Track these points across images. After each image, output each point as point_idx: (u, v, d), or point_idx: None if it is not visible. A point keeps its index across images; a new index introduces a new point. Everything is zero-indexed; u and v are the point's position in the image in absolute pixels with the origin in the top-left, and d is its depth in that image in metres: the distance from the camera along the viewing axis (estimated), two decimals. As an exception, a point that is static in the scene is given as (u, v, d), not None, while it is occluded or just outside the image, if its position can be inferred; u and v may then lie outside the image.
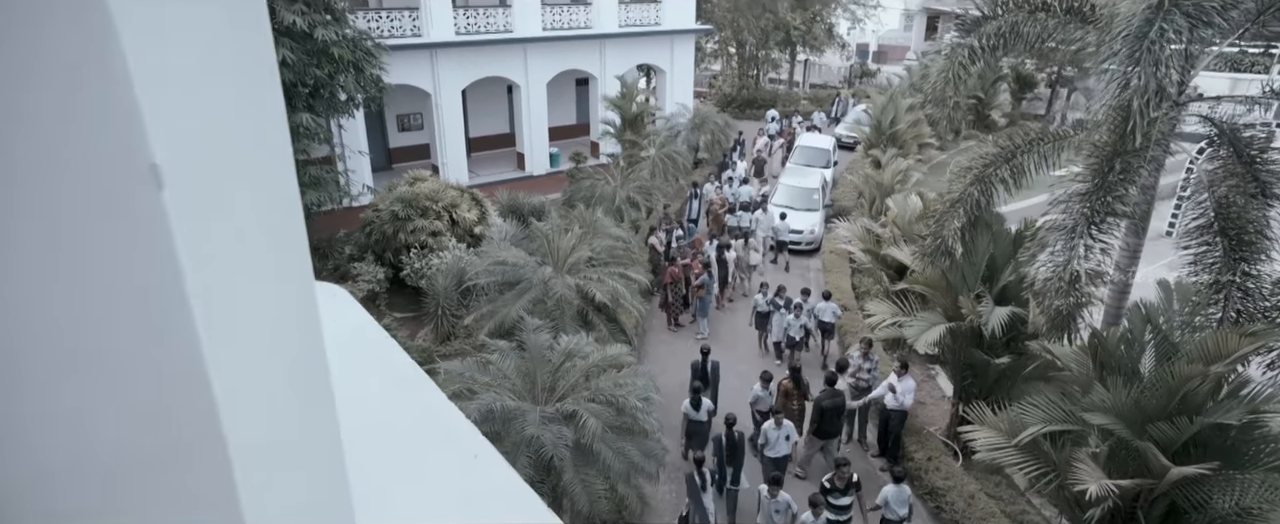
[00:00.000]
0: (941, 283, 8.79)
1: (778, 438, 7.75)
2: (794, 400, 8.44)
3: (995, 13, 9.07)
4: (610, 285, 9.17)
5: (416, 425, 1.40)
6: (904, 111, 19.24)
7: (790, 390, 8.43)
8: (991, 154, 8.77)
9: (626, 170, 15.85)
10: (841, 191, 17.56)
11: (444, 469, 1.32)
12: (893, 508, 7.21)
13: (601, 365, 7.10)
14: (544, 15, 18.40)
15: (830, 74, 37.41)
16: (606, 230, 10.81)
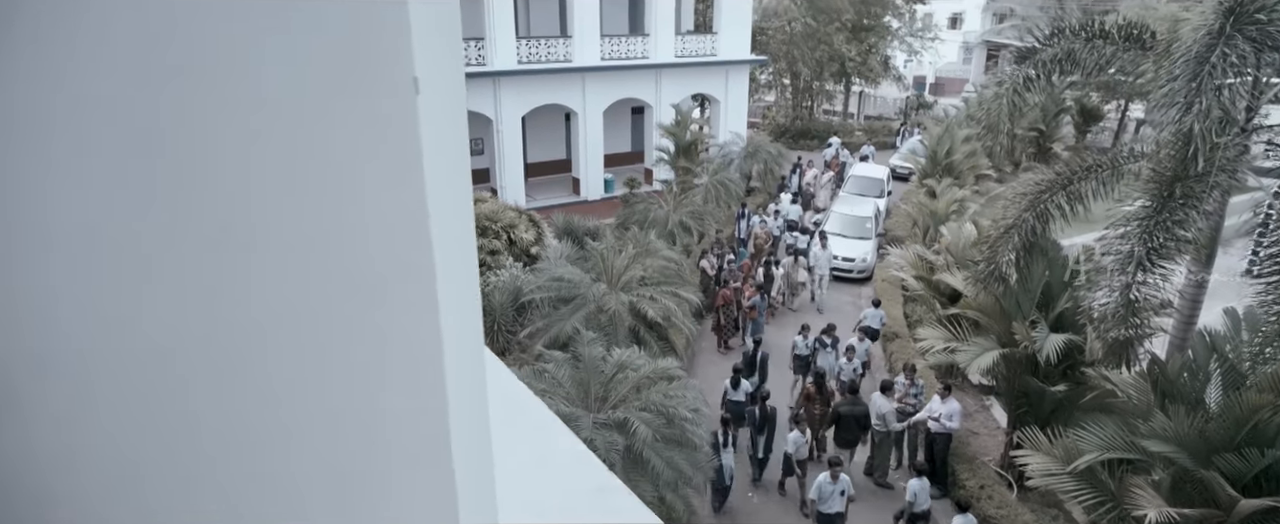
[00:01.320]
0: (995, 309, 8.74)
1: (832, 493, 7.43)
2: (815, 405, 8.54)
3: (1051, 41, 9.13)
4: (663, 303, 9.44)
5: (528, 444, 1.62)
6: (960, 142, 19.10)
7: (812, 394, 8.57)
8: (1047, 180, 8.75)
9: (679, 196, 16.20)
10: (895, 221, 17.48)
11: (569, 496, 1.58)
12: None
13: (652, 377, 7.34)
14: (603, 46, 19.14)
15: (886, 106, 37.27)
16: (659, 252, 11.13)
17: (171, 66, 0.62)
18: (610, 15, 20.56)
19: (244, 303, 0.70)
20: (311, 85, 0.66)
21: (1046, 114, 25.01)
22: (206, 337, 0.71)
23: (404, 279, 0.77)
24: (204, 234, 0.68)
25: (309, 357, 0.74)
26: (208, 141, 0.65)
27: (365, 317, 0.74)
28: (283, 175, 0.67)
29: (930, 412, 8.46)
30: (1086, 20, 9.47)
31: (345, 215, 0.71)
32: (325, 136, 0.68)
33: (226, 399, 0.73)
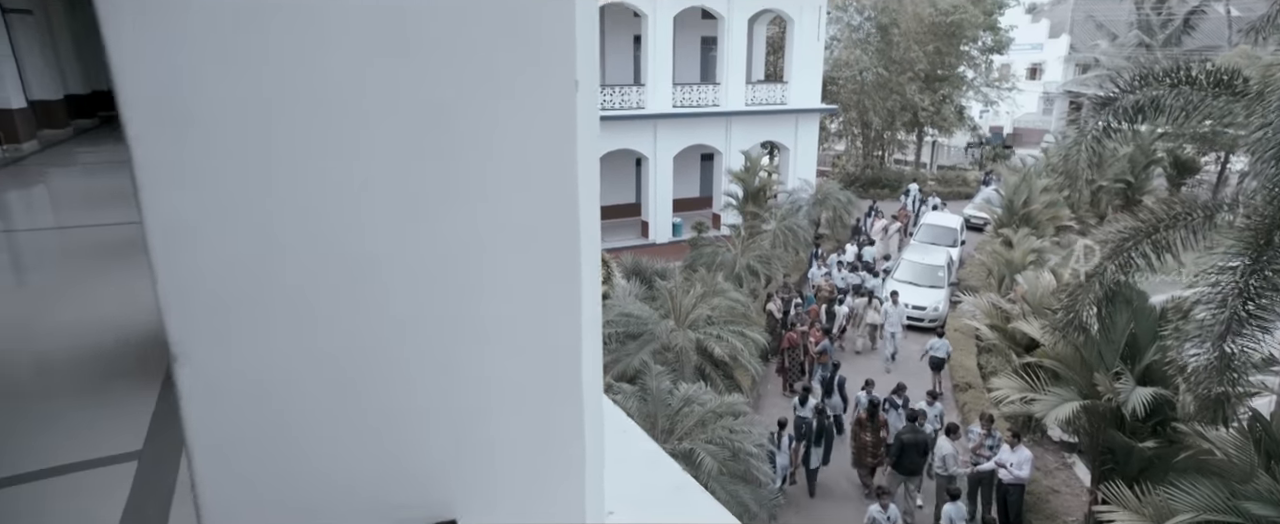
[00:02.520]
0: (1075, 359, 8.43)
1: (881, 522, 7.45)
2: (865, 432, 8.51)
3: (1133, 87, 8.98)
4: (729, 342, 9.54)
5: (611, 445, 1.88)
6: (1039, 192, 18.57)
7: (863, 421, 8.54)
8: (1132, 227, 8.48)
9: (747, 240, 16.36)
10: (969, 271, 17.04)
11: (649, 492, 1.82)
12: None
13: (718, 412, 7.43)
14: (675, 94, 19.81)
15: (960, 155, 36.56)
16: (726, 292, 11.28)
17: (399, 60, 0.92)
18: (682, 64, 21.33)
19: (443, 235, 0.99)
20: (504, 81, 0.95)
21: (1135, 165, 24.00)
22: (408, 266, 0.99)
23: (556, 221, 1.05)
24: (426, 188, 0.97)
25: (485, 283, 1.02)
26: (427, 117, 0.94)
27: (525, 256, 1.02)
28: (479, 145, 0.96)
29: (999, 460, 8.16)
30: (1173, 66, 9.27)
31: (522, 179, 1.00)
32: (511, 119, 0.97)
33: (419, 314, 1.01)
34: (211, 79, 0.82)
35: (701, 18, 21.10)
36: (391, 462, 1.04)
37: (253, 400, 0.94)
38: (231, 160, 0.85)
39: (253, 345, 0.92)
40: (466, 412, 1.07)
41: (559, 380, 1.13)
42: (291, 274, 0.91)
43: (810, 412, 8.80)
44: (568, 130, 1.02)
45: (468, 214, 0.99)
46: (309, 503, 1.01)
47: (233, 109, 0.83)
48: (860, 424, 8.65)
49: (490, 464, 1.11)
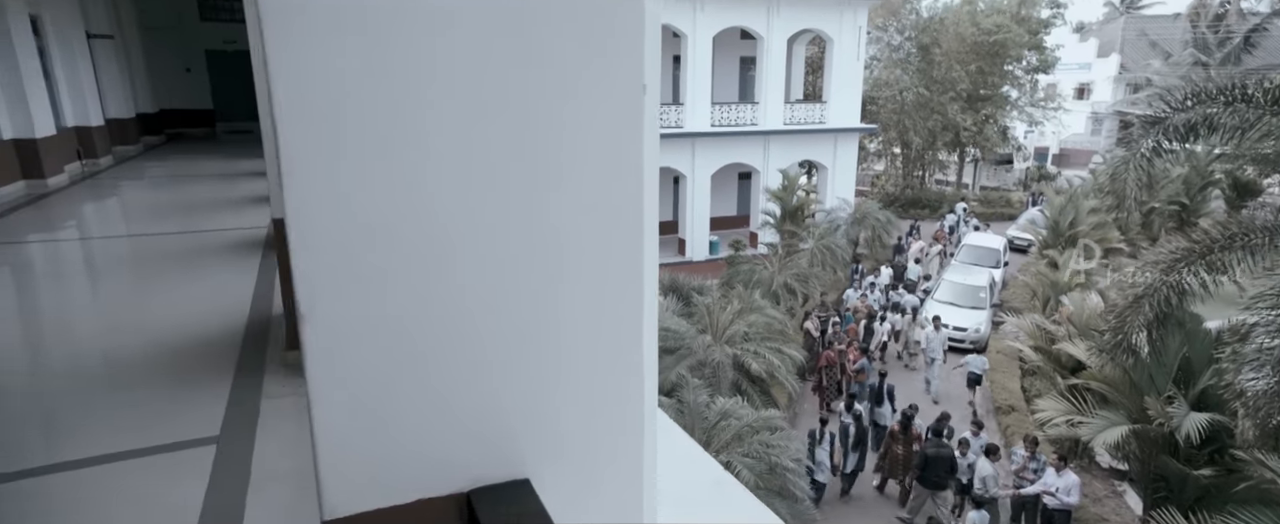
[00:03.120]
0: (1124, 382, 8.20)
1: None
2: (898, 444, 8.62)
3: (1184, 105, 8.79)
4: (766, 358, 9.55)
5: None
6: (1086, 213, 18.12)
7: (896, 433, 8.67)
8: (1184, 248, 8.25)
9: (784, 259, 16.32)
10: (1012, 293, 16.68)
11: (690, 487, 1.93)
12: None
13: (755, 426, 7.44)
14: (713, 113, 19.99)
15: (1004, 177, 35.84)
16: (763, 309, 11.28)
17: (496, 69, 1.06)
18: (721, 83, 21.53)
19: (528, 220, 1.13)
20: (582, 85, 1.09)
21: (1190, 187, 23.24)
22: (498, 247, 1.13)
23: (625, 210, 1.18)
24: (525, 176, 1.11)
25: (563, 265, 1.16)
26: (518, 116, 1.09)
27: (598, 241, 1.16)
28: (561, 141, 1.11)
29: (1045, 485, 7.95)
30: (1227, 83, 9.04)
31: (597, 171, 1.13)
32: (588, 118, 1.11)
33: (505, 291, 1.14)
34: (347, 82, 0.98)
35: (741, 38, 21.31)
36: (475, 422, 1.17)
37: (362, 357, 1.08)
38: (358, 149, 1.00)
39: (365, 309, 1.07)
40: (541, 381, 1.20)
41: (623, 357, 1.26)
42: (400, 248, 1.06)
43: (852, 417, 9.10)
44: (636, 129, 1.16)
45: (550, 201, 1.13)
46: (405, 451, 1.15)
47: (362, 105, 0.99)
48: (892, 436, 8.69)
49: (559, 431, 1.24)
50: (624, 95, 1.15)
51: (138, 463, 2.70)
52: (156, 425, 2.98)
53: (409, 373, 1.10)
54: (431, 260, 1.08)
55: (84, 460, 2.68)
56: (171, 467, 2.67)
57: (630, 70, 1.15)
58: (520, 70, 1.06)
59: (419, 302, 1.09)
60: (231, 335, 4.05)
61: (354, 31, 0.98)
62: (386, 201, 1.04)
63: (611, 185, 1.18)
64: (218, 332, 4.11)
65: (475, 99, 1.05)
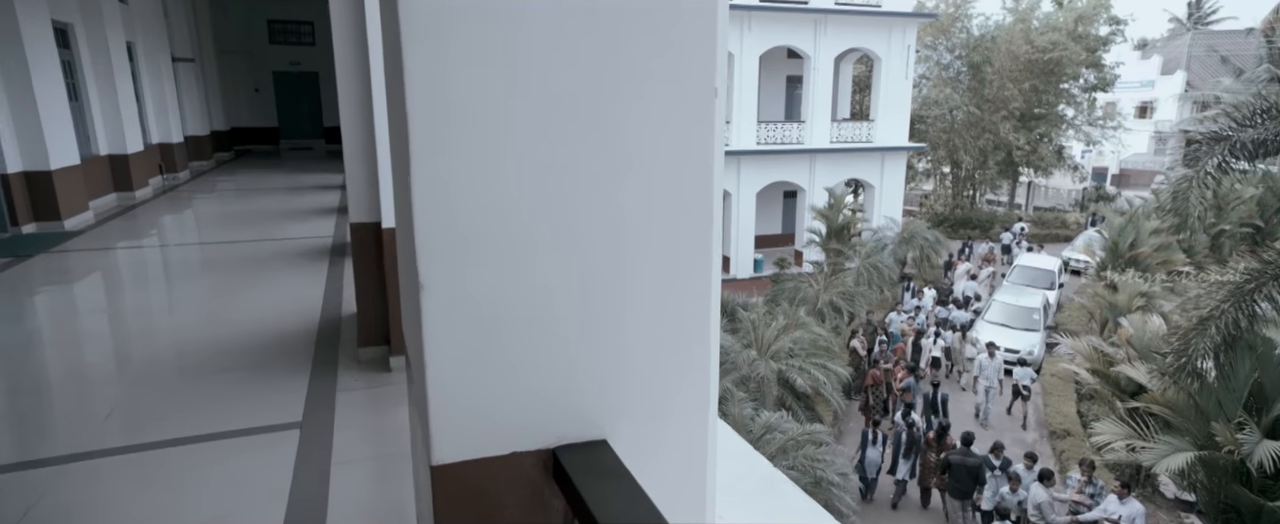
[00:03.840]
0: (1188, 407, 7.90)
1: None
2: (931, 451, 8.72)
3: (1253, 121, 8.52)
4: (811, 374, 9.51)
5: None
6: (1147, 235, 17.48)
7: (932, 442, 8.77)
8: (1255, 270, 7.95)
9: (830, 277, 16.21)
10: (1068, 315, 16.16)
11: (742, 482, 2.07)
12: None
13: (800, 440, 7.43)
14: (759, 131, 20.07)
15: (1060, 197, 34.80)
16: (808, 326, 11.24)
17: (588, 72, 1.22)
18: (767, 102, 21.62)
19: (614, 207, 1.28)
20: (662, 87, 1.25)
21: (1265, 209, 22.16)
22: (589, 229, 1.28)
23: (697, 199, 1.33)
24: (609, 168, 1.27)
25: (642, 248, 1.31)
26: (607, 113, 1.25)
27: (673, 226, 1.31)
28: (643, 137, 1.26)
29: (1106, 513, 7.67)
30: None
31: (673, 164, 1.29)
32: (666, 116, 1.26)
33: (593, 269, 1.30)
34: (465, 84, 1.17)
35: (787, 57, 21.40)
36: (558, 388, 1.33)
37: (466, 326, 1.26)
38: (469, 136, 1.19)
39: (474, 280, 1.24)
40: (616, 353, 1.36)
41: (689, 334, 1.41)
42: (505, 228, 1.23)
43: (905, 423, 9.25)
44: (707, 128, 1.32)
45: (632, 189, 1.30)
46: (500, 410, 1.31)
47: (476, 103, 1.17)
48: (928, 444, 8.94)
49: (633, 398, 1.39)
50: (697, 98, 1.31)
51: (235, 442, 2.95)
52: (248, 410, 3.24)
53: (503, 342, 1.27)
54: (520, 246, 1.26)
55: (189, 438, 2.95)
56: (263, 446, 2.91)
57: (703, 76, 1.31)
58: (607, 75, 1.22)
59: (510, 281, 1.26)
60: (306, 333, 4.34)
61: (464, 48, 1.16)
62: (483, 193, 1.21)
63: (684, 178, 1.34)
64: (294, 330, 4.40)
65: (570, 97, 1.21)
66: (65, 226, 7.78)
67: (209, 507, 2.44)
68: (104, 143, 9.82)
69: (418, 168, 1.17)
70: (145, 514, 2.39)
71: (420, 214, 1.20)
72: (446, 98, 1.16)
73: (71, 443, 2.90)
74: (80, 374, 3.80)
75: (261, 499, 2.47)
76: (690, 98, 1.31)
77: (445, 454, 1.28)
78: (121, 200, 10.03)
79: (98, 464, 2.72)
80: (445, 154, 1.18)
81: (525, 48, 1.17)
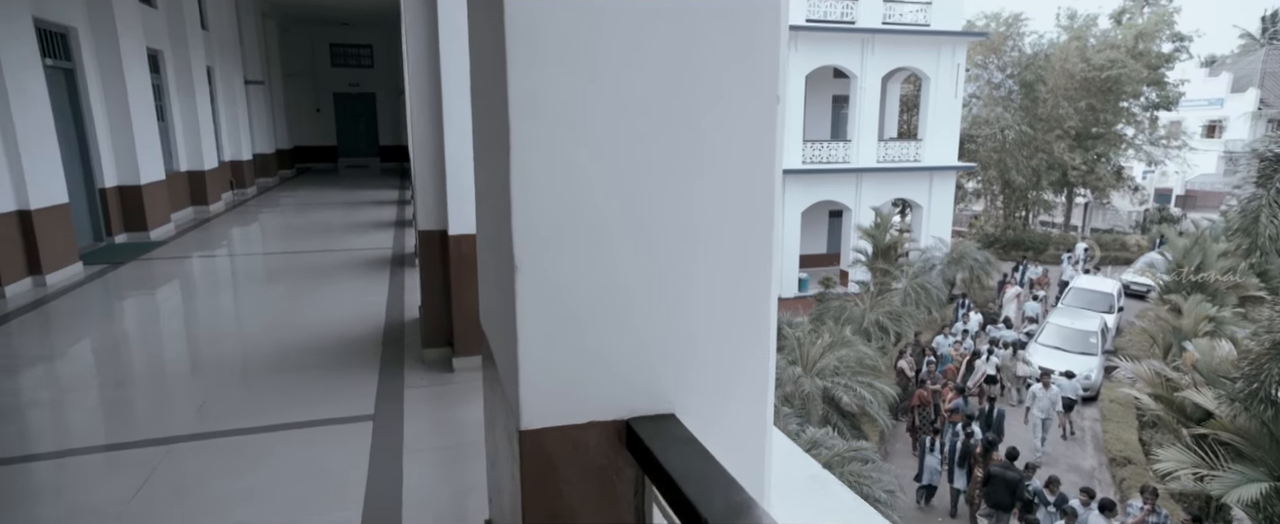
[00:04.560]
0: (1261, 435, 7.55)
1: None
2: (977, 465, 8.75)
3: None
4: (857, 392, 9.43)
5: None
6: (1215, 257, 16.75)
7: (978, 457, 8.82)
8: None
9: (876, 297, 16.00)
10: (1128, 339, 15.55)
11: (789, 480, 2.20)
12: None
13: (845, 457, 7.38)
14: (804, 151, 20.05)
15: (1119, 219, 33.57)
16: (854, 345, 11.14)
17: (663, 78, 1.37)
18: (813, 121, 21.61)
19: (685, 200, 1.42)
20: (731, 93, 1.39)
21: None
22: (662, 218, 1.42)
23: (759, 197, 1.46)
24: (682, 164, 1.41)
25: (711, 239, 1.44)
26: (679, 116, 1.39)
27: (738, 220, 1.44)
28: (713, 138, 1.40)
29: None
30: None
31: (739, 164, 1.42)
32: (733, 120, 1.40)
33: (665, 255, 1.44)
34: (556, 89, 1.33)
35: (833, 76, 21.39)
36: (634, 362, 1.47)
37: (555, 304, 1.41)
38: (561, 136, 1.35)
39: (558, 266, 1.40)
40: (687, 334, 1.49)
41: (753, 320, 1.54)
42: (589, 216, 1.39)
43: (963, 434, 9.35)
44: (770, 132, 1.46)
45: (702, 187, 1.44)
46: (580, 382, 1.46)
47: (564, 103, 1.33)
48: (975, 458, 9.00)
49: (701, 376, 1.52)
50: (762, 104, 1.46)
51: (314, 431, 3.17)
52: (323, 403, 3.47)
53: (583, 322, 1.42)
54: (599, 236, 1.41)
55: (273, 426, 3.18)
56: (339, 435, 3.12)
57: (767, 84, 1.45)
58: (682, 80, 1.37)
59: (589, 268, 1.42)
60: (373, 335, 4.59)
61: (559, 58, 1.33)
62: (569, 187, 1.38)
63: (748, 178, 1.47)
64: (361, 332, 4.66)
65: (646, 100, 1.37)
66: (151, 237, 8.34)
67: (296, 485, 2.64)
68: (184, 159, 10.49)
69: (516, 163, 1.34)
70: (242, 488, 2.61)
71: (517, 204, 1.36)
72: (539, 102, 1.32)
73: (174, 427, 3.17)
74: (175, 368, 4.11)
75: (342, 480, 2.67)
76: (756, 104, 1.45)
77: (532, 421, 1.43)
78: (197, 213, 10.66)
79: (198, 445, 2.97)
80: (538, 151, 1.34)
81: (609, 57, 1.33)
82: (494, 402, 1.90)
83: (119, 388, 3.77)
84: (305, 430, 3.17)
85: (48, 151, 5.97)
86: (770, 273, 1.59)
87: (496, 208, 1.48)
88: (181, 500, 2.51)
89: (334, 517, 2.40)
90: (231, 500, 2.52)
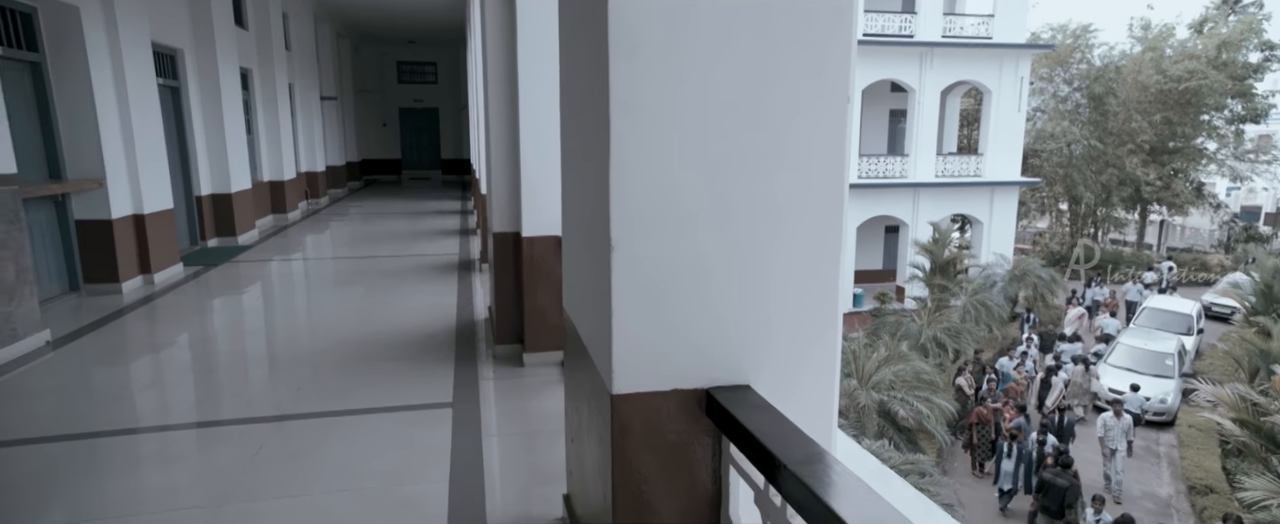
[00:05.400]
0: (1356, 463, 7.11)
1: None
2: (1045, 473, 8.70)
3: None
4: (914, 406, 9.29)
5: None
6: (1310, 278, 15.77)
7: (1048, 465, 8.78)
8: None
9: (934, 313, 15.67)
10: (1210, 363, 14.78)
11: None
12: None
13: (902, 469, 7.29)
14: (860, 165, 19.86)
15: (1198, 237, 31.86)
16: (910, 360, 10.97)
17: (746, 81, 1.54)
18: (869, 136, 21.39)
19: (765, 190, 1.58)
20: (807, 93, 1.55)
21: None
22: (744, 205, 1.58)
23: (831, 189, 1.61)
24: (761, 159, 1.57)
25: (786, 226, 1.59)
26: (761, 113, 1.55)
27: (812, 210, 1.59)
28: (791, 135, 1.56)
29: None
30: None
31: (814, 159, 1.58)
32: (810, 118, 1.56)
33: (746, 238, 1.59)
34: (647, 87, 1.51)
35: (890, 90, 21.17)
36: (714, 336, 1.63)
37: (648, 277, 1.58)
38: (653, 132, 1.53)
39: (652, 244, 1.57)
40: (763, 312, 1.65)
41: (824, 303, 1.68)
42: (677, 203, 1.56)
43: (1036, 442, 9.48)
44: (842, 130, 1.61)
45: (780, 178, 1.60)
46: (665, 353, 1.63)
47: (656, 103, 1.51)
48: (1043, 465, 8.97)
49: (774, 352, 1.67)
50: (835, 103, 1.61)
51: (399, 415, 3.43)
52: (406, 391, 3.73)
53: (668, 299, 1.60)
54: (685, 221, 1.59)
55: (363, 409, 3.46)
56: (423, 420, 3.36)
57: (840, 85, 1.61)
58: (763, 81, 1.54)
59: (674, 249, 1.59)
60: (446, 333, 4.87)
61: (653, 64, 1.52)
62: (659, 176, 1.56)
63: (822, 171, 1.63)
64: (434, 330, 4.94)
65: (731, 99, 1.54)
66: (238, 241, 8.96)
67: (389, 460, 2.88)
68: (266, 170, 11.20)
69: (615, 154, 1.53)
70: (342, 460, 2.87)
71: (615, 190, 1.55)
72: (636, 102, 1.51)
73: (278, 407, 3.48)
74: (270, 357, 4.47)
75: (429, 457, 2.90)
76: (829, 105, 1.61)
77: (623, 386, 1.61)
78: (277, 221, 11.35)
79: (300, 423, 3.26)
80: (634, 144, 1.53)
81: (698, 63, 1.51)
82: (578, 377, 2.08)
83: (226, 372, 4.13)
84: (391, 414, 3.43)
85: (159, 161, 6.55)
86: (839, 260, 1.73)
87: (594, 195, 1.67)
88: (293, 466, 2.79)
89: (425, 487, 2.63)
90: (334, 469, 2.78)
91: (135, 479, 2.78)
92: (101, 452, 3.01)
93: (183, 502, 2.52)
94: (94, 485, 2.68)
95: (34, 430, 3.25)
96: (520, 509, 2.47)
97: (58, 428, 3.27)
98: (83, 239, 5.75)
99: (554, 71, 3.71)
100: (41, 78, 5.40)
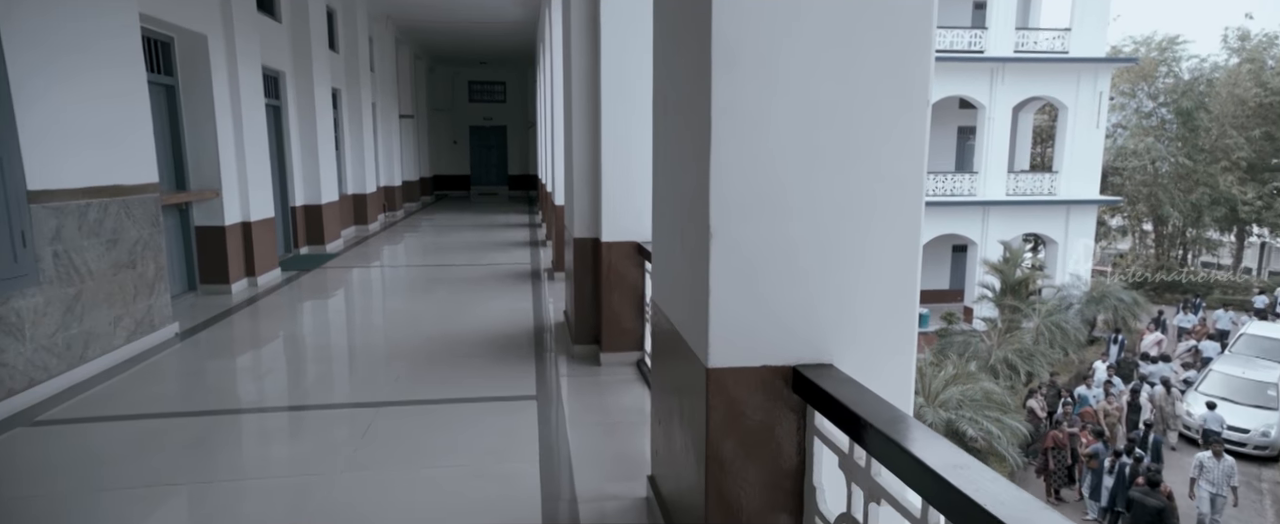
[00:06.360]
0: None
1: None
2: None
3: None
4: (983, 425, 9.05)
5: None
6: None
7: (1141, 483, 8.55)
8: None
9: (1004, 334, 15.17)
10: (1317, 395, 13.72)
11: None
12: None
13: (972, 490, 7.14)
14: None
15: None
16: (979, 380, 10.68)
17: (832, 86, 1.70)
18: (937, 153, 20.98)
19: (849, 184, 1.74)
20: (888, 97, 1.71)
21: None
22: (829, 196, 1.75)
23: (909, 184, 1.76)
24: (846, 158, 1.73)
25: (869, 216, 1.75)
26: (849, 116, 1.72)
27: (890, 201, 1.74)
28: (875, 133, 1.72)
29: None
30: None
31: (895, 155, 1.73)
32: (893, 119, 1.72)
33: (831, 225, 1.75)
34: (745, 94, 1.69)
35: (959, 107, 20.74)
36: (801, 318, 1.80)
37: (743, 260, 1.76)
38: (749, 132, 1.71)
39: (746, 230, 1.75)
40: (847, 296, 1.80)
41: (903, 289, 1.83)
42: (771, 193, 1.74)
43: (1131, 459, 9.29)
44: (921, 134, 1.76)
45: (863, 174, 1.76)
46: (756, 330, 1.80)
47: (752, 107, 1.69)
48: (1136, 483, 8.69)
49: (857, 333, 1.82)
50: (915, 106, 1.76)
51: (488, 405, 3.68)
52: (493, 384, 4.00)
53: (760, 281, 1.77)
54: (778, 210, 1.76)
55: (456, 399, 3.74)
56: (511, 410, 3.61)
57: (920, 89, 1.76)
58: (849, 87, 1.71)
59: (767, 236, 1.76)
60: (525, 334, 5.14)
61: (751, 73, 1.71)
62: (754, 170, 1.73)
63: (903, 168, 1.78)
64: (514, 331, 5.23)
65: (820, 103, 1.71)
66: (327, 249, 9.58)
67: (483, 442, 3.13)
68: (351, 183, 11.93)
69: (715, 152, 1.72)
70: (440, 441, 3.13)
71: (714, 184, 1.74)
72: (735, 106, 1.70)
73: (379, 394, 3.80)
74: (367, 352, 4.84)
75: (519, 442, 3.13)
76: (909, 105, 1.77)
77: (718, 361, 1.78)
78: (359, 231, 12.04)
79: (400, 409, 3.56)
80: (732, 143, 1.72)
81: (790, 71, 1.69)
82: (669, 363, 2.26)
83: (328, 363, 4.51)
84: (481, 403, 3.69)
85: (264, 174, 7.15)
86: (918, 253, 1.87)
87: (693, 190, 1.86)
88: (398, 445, 3.07)
89: (519, 466, 2.85)
90: (435, 449, 3.04)
91: (266, 448, 3.12)
92: (235, 425, 3.38)
93: (309, 468, 2.82)
94: (233, 452, 3.03)
95: (179, 406, 3.67)
96: (605, 488, 2.66)
97: (196, 405, 3.68)
98: (201, 243, 6.34)
99: (635, 87, 3.97)
100: (175, 99, 6.04)
